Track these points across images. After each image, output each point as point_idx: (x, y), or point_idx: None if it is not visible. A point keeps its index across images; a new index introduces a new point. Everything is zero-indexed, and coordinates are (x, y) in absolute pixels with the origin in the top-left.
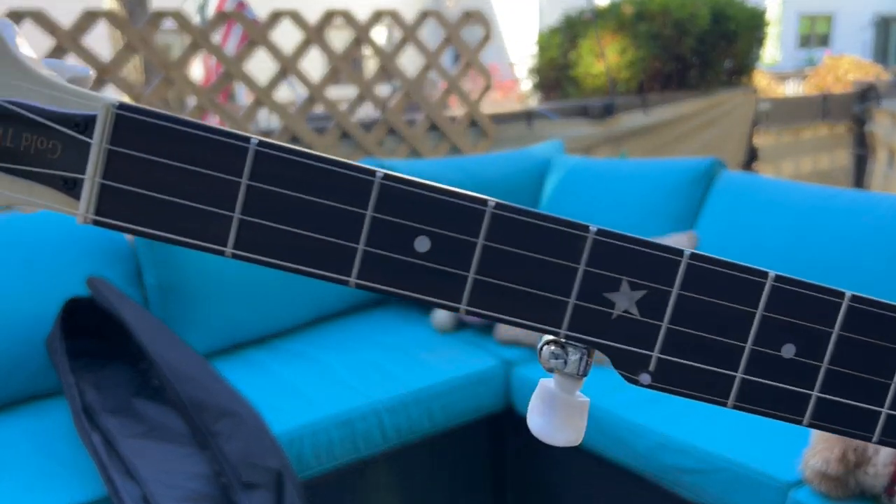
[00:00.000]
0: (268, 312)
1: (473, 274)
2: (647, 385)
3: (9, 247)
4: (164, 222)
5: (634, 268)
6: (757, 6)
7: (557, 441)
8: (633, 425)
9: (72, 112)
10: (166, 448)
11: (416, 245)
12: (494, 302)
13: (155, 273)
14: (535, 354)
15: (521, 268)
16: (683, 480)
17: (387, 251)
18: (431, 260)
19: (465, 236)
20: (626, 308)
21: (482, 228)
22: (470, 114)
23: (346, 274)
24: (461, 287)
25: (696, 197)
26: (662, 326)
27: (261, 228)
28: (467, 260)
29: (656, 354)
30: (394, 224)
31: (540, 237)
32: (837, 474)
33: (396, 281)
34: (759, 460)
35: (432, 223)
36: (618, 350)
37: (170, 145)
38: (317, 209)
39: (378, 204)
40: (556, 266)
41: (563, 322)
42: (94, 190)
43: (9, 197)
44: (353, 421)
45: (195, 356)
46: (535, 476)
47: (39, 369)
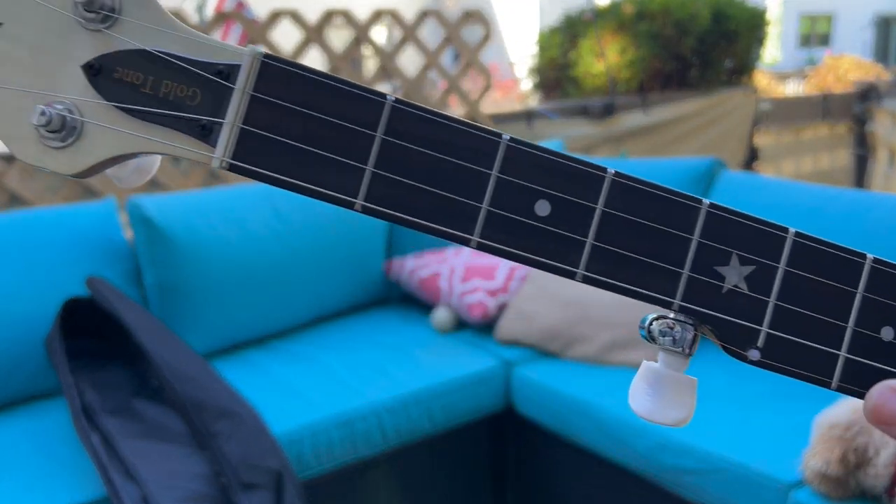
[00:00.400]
0: (267, 313)
1: (591, 240)
2: (756, 361)
3: (8, 247)
4: (297, 170)
5: (743, 242)
6: (757, 6)
7: (668, 420)
8: (634, 425)
9: (214, 61)
10: (166, 448)
11: (536, 209)
12: (611, 269)
13: (154, 273)
14: (535, 354)
15: (637, 236)
16: (684, 481)
17: (509, 213)
18: (551, 224)
19: (585, 202)
20: (735, 283)
21: (601, 195)
22: (470, 113)
23: (469, 232)
24: (579, 252)
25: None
26: (770, 302)
27: (391, 182)
28: (586, 225)
29: (765, 329)
30: (517, 186)
31: (656, 206)
32: (838, 475)
33: (516, 242)
34: (760, 461)
35: (553, 187)
36: (728, 323)
37: (310, 96)
38: (445, 167)
39: (503, 165)
40: (670, 236)
41: (678, 293)
42: (233, 135)
43: (144, 142)
44: (353, 421)
45: (195, 356)
46: (536, 476)
47: (39, 369)
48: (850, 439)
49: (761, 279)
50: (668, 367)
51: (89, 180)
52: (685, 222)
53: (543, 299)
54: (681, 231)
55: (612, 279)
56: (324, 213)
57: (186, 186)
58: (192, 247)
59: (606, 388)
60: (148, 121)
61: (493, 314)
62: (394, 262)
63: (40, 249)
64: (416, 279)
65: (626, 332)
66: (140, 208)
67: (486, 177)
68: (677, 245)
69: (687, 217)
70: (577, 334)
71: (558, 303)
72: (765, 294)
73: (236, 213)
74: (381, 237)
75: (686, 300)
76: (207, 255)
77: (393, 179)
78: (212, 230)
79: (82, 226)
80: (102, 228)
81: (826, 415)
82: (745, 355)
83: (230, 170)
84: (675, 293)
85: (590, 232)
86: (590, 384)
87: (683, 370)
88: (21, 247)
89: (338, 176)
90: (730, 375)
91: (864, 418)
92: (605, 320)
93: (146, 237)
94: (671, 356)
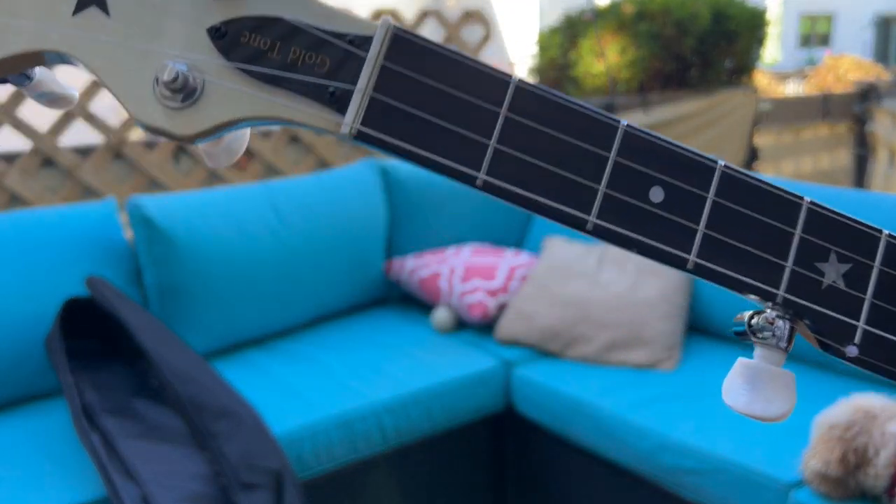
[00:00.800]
0: (267, 312)
1: (703, 228)
2: (854, 358)
3: (8, 246)
4: (423, 141)
5: (841, 240)
6: (757, 6)
7: (770, 414)
8: (634, 426)
9: (345, 31)
10: (166, 448)
11: (651, 194)
12: (720, 259)
13: (154, 273)
14: (535, 354)
15: (744, 227)
16: (684, 481)
17: (625, 196)
18: (665, 210)
19: (698, 190)
20: (833, 279)
21: (713, 184)
22: None
23: (586, 213)
24: (691, 240)
25: None
26: (867, 300)
27: (512, 159)
28: (698, 214)
29: (862, 326)
30: (633, 171)
31: (761, 199)
32: (838, 475)
33: (631, 226)
34: (760, 461)
35: (667, 174)
36: (827, 318)
37: (439, 69)
38: (565, 147)
39: (621, 149)
40: (775, 230)
41: (781, 285)
42: (363, 102)
43: (267, 105)
44: (353, 421)
45: (195, 356)
46: (536, 476)
47: (39, 369)
48: (850, 439)
49: (858, 277)
50: (768, 362)
51: (88, 180)
52: (788, 217)
53: (543, 299)
54: (785, 225)
55: (721, 268)
56: (324, 213)
57: (186, 186)
58: (192, 247)
59: (606, 388)
60: (273, 84)
61: (493, 314)
62: (394, 263)
63: (40, 250)
64: (416, 279)
65: (626, 332)
66: (140, 208)
67: (604, 160)
68: (781, 239)
69: (790, 212)
70: (577, 334)
71: (558, 303)
72: (861, 292)
73: (236, 213)
74: (381, 237)
75: (789, 292)
76: (207, 255)
77: (514, 156)
78: (212, 230)
79: (82, 226)
80: (102, 228)
81: (826, 415)
82: (842, 351)
83: (357, 137)
84: (779, 285)
85: (701, 220)
86: (590, 384)
87: (782, 365)
88: (21, 247)
89: (461, 149)
90: None
91: (864, 418)
92: (604, 321)
93: (146, 237)
94: (770, 351)
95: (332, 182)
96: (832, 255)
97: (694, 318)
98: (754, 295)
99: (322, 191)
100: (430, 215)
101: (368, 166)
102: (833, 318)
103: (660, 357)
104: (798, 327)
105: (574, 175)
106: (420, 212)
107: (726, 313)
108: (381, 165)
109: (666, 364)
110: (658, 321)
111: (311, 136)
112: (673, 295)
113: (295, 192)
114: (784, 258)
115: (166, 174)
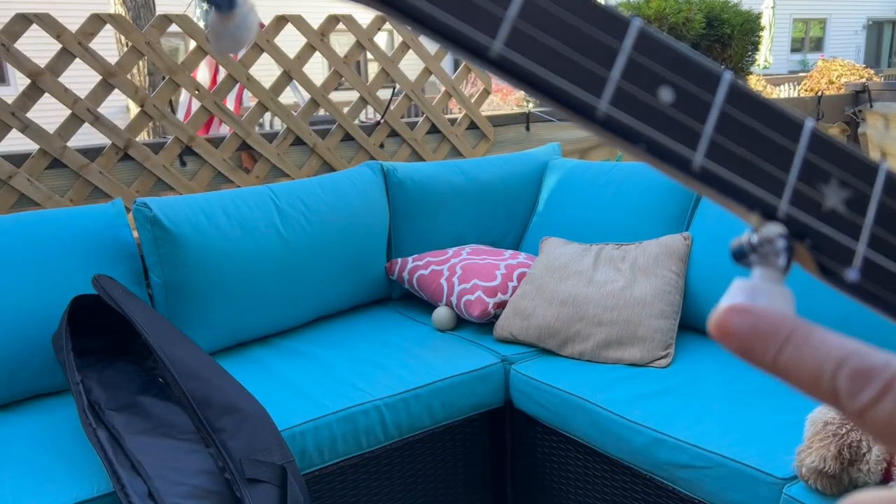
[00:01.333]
0: (271, 311)
1: (711, 132)
2: (853, 284)
3: (16, 245)
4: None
5: (843, 165)
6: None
7: None
8: (629, 422)
9: None
10: (172, 444)
11: (660, 94)
12: (727, 163)
13: (160, 273)
14: (532, 352)
15: (750, 139)
16: (679, 476)
17: (637, 90)
18: (674, 110)
19: (706, 96)
20: (834, 203)
21: (721, 92)
22: (469, 117)
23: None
24: (698, 141)
25: (690, 198)
26: (866, 226)
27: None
28: (705, 118)
29: (863, 251)
30: (645, 68)
31: (766, 114)
32: (835, 472)
33: (641, 120)
34: (753, 457)
35: (678, 77)
36: (828, 240)
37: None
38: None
39: (636, 44)
40: (779, 146)
41: (784, 199)
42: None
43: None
44: (355, 417)
45: (200, 353)
46: (535, 471)
47: (46, 367)
48: (844, 435)
49: (858, 204)
50: (767, 280)
51: (96, 181)
52: (792, 135)
53: (540, 298)
54: (789, 142)
55: (727, 174)
56: (327, 214)
57: (192, 188)
58: (197, 247)
59: (602, 384)
60: None
61: (492, 313)
62: (395, 263)
63: (48, 250)
64: (417, 279)
65: (621, 330)
66: (147, 209)
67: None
68: (784, 155)
69: (793, 130)
70: (573, 332)
71: (555, 302)
72: (861, 217)
73: (241, 214)
74: (382, 238)
75: (792, 208)
76: (213, 255)
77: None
78: (217, 231)
79: (90, 226)
80: (110, 229)
81: (820, 411)
82: (842, 276)
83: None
84: (782, 200)
85: (709, 124)
86: (586, 381)
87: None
88: (29, 247)
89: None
90: (723, 373)
91: None
92: (600, 319)
93: (153, 237)
94: (769, 270)
95: (334, 184)
96: (833, 179)
97: (687, 317)
98: (756, 210)
99: (325, 192)
100: (431, 216)
101: (370, 168)
102: (833, 241)
103: (654, 354)
104: (797, 251)
105: (590, 60)
106: (420, 213)
107: None
108: (383, 167)
109: (660, 361)
110: (652, 319)
111: (313, 139)
112: (667, 293)
113: (298, 193)
114: (787, 174)
115: (172, 176)
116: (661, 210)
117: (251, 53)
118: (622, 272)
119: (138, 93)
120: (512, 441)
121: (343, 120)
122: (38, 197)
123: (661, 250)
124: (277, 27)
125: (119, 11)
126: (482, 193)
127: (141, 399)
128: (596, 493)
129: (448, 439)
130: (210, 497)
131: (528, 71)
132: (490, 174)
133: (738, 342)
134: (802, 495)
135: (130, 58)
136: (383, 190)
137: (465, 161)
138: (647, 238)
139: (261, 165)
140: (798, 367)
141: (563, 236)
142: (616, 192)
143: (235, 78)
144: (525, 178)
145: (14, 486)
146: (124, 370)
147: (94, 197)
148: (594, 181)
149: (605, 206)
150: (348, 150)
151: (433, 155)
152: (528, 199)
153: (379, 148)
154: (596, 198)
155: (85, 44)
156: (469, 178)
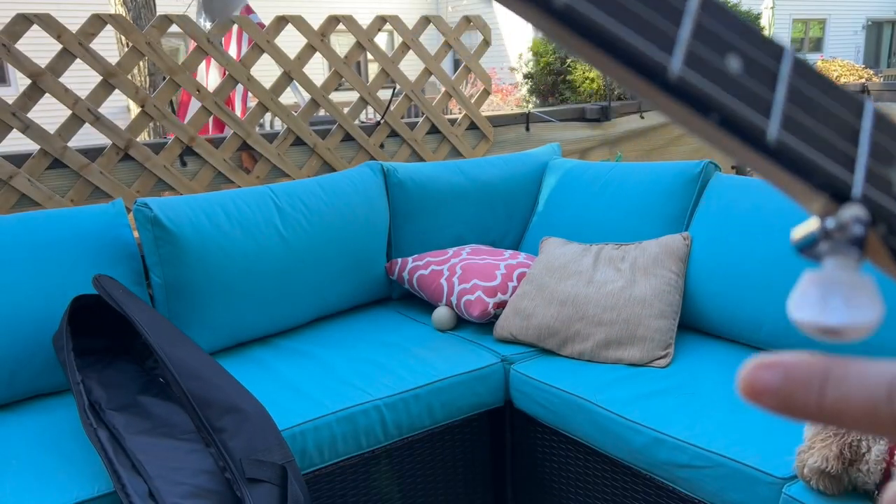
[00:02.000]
0: (271, 311)
1: (784, 103)
2: None
3: (17, 245)
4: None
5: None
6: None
7: (861, 321)
8: (629, 422)
9: None
10: (172, 444)
11: (727, 62)
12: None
13: (160, 272)
14: (533, 353)
15: (819, 112)
16: (678, 476)
17: (708, 52)
18: (745, 79)
19: (774, 66)
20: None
21: (786, 63)
22: (469, 117)
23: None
24: (771, 113)
25: (689, 199)
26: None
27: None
28: (775, 89)
29: None
30: (712, 33)
31: (829, 89)
32: (837, 471)
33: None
34: (753, 457)
35: (746, 43)
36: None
37: None
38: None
39: (701, 6)
40: (846, 123)
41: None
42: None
43: None
44: (355, 417)
45: (201, 353)
46: (535, 470)
47: (46, 367)
48: (845, 434)
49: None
50: (843, 269)
51: (97, 181)
52: (857, 111)
53: (540, 298)
54: (855, 118)
55: (803, 149)
56: (327, 214)
57: (193, 188)
58: (198, 247)
59: (602, 384)
60: None
61: (492, 313)
62: (395, 263)
63: (49, 249)
64: (417, 279)
65: (621, 330)
66: (147, 209)
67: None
68: (852, 132)
69: (858, 107)
70: (573, 332)
71: (555, 302)
72: None
73: (241, 214)
74: (383, 238)
75: (867, 189)
76: (213, 255)
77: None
78: (218, 231)
79: (90, 226)
80: (110, 229)
81: None
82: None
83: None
84: (856, 180)
85: (779, 96)
86: (586, 381)
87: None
88: (30, 247)
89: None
90: (723, 373)
91: None
92: (599, 319)
93: (153, 238)
94: (845, 258)
95: (335, 184)
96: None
97: (687, 317)
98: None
99: (325, 192)
100: (431, 217)
101: (370, 168)
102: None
103: (654, 354)
104: (870, 237)
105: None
106: (420, 213)
107: (719, 311)
108: (383, 167)
109: (660, 361)
110: (652, 319)
111: (314, 139)
112: (666, 293)
113: (299, 193)
114: (857, 153)
115: (173, 176)
116: (661, 210)
117: (251, 54)
118: (622, 272)
119: (139, 93)
120: (512, 441)
121: (343, 120)
122: (38, 197)
123: (660, 250)
124: (278, 28)
125: (119, 12)
126: (482, 193)
127: (141, 399)
128: (596, 492)
129: (448, 439)
130: (210, 497)
131: (594, 22)
132: (490, 174)
133: (776, 398)
134: (802, 495)
135: (131, 58)
136: (383, 190)
137: (465, 161)
138: (647, 238)
139: (261, 165)
140: (847, 403)
141: (562, 236)
142: (616, 192)
143: (236, 78)
144: (525, 179)
145: (14, 486)
146: (125, 370)
147: (95, 197)
148: (594, 181)
149: (604, 206)
150: (348, 151)
151: (433, 155)
152: (527, 199)
153: (379, 148)
154: (596, 198)
155: (85, 44)
156: (469, 179)
